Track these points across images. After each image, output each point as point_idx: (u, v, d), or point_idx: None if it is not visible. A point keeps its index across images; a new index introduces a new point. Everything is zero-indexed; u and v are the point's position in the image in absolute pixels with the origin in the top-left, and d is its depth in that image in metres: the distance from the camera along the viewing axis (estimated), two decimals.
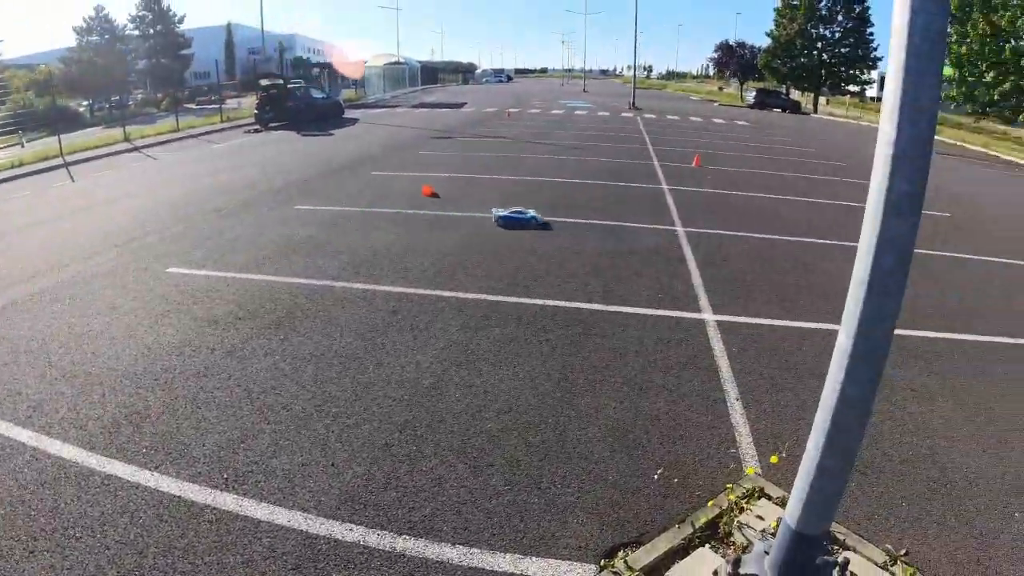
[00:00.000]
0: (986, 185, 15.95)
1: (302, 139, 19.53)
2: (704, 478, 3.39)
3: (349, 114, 27.37)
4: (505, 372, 4.49)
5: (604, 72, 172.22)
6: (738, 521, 2.99)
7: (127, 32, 44.77)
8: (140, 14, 45.30)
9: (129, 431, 3.74)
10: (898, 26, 1.68)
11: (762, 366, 4.69)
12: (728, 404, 4.16)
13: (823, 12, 45.71)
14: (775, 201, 11.17)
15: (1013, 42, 23.95)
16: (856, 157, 19.58)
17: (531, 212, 8.66)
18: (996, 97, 25.22)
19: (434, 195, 10.28)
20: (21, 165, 15.96)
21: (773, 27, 47.69)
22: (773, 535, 2.70)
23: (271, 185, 11.24)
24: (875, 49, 45.54)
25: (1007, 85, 24.50)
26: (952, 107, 31.17)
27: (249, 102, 32.49)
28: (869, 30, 45.36)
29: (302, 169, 13.07)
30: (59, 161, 16.10)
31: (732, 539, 2.90)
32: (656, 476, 3.38)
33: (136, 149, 18.65)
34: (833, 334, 5.39)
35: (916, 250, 1.93)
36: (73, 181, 13.50)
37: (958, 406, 4.22)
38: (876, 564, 2.76)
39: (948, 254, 8.13)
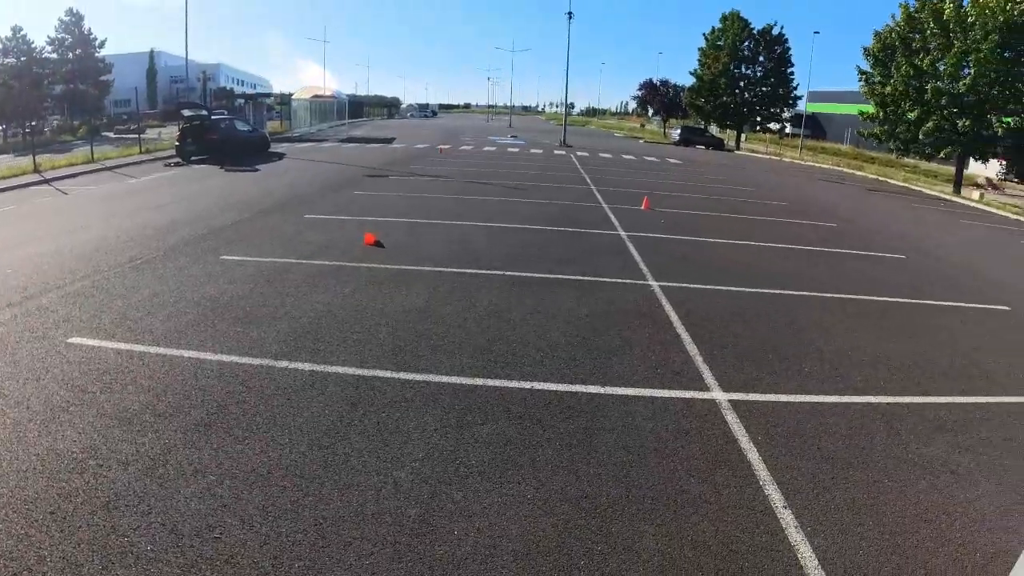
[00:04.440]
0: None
1: (226, 175, 18.02)
2: None
3: (275, 148, 25.90)
4: (509, 491, 3.60)
5: (526, 108, 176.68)
6: None
7: (45, 55, 41.32)
8: (59, 36, 42.08)
9: None
10: None
11: (794, 458, 4.11)
12: (778, 515, 3.51)
13: (745, 53, 48.14)
14: (737, 248, 10.93)
15: (934, 83, 25.36)
16: (794, 195, 20.10)
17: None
18: (920, 136, 26.50)
19: (378, 244, 9.32)
20: None
21: (697, 67, 49.77)
22: None
23: (193, 230, 9.92)
24: (795, 88, 48.22)
25: (930, 124, 25.80)
26: (874, 144, 32.91)
27: (170, 133, 30.35)
28: (789, 70, 48.05)
29: (227, 211, 11.75)
30: None
31: None
32: None
33: (46, 181, 16.62)
34: (854, 407, 4.81)
35: None
36: None
37: None
38: None
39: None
